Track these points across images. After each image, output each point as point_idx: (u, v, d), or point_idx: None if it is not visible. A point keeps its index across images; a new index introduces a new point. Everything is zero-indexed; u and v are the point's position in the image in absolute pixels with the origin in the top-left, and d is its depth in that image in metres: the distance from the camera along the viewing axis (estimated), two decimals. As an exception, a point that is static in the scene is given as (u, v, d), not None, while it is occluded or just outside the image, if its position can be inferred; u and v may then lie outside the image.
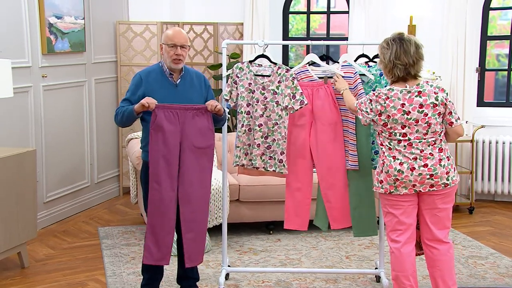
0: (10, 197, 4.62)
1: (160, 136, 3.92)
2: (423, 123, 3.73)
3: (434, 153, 3.76)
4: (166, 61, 4.06)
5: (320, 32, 7.81)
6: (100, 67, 6.74)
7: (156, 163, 3.93)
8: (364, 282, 4.64)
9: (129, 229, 5.80)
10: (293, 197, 4.43)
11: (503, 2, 7.11)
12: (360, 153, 4.32)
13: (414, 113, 3.73)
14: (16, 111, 5.51)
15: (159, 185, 3.94)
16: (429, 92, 3.75)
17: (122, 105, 4.05)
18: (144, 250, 4.03)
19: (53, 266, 4.95)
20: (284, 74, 4.27)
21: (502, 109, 7.01)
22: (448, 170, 3.78)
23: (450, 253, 3.94)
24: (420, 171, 3.74)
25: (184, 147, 3.96)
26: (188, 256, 4.08)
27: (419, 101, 3.73)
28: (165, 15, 7.18)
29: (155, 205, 3.97)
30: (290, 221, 4.48)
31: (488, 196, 6.91)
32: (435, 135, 3.77)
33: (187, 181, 3.99)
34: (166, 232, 3.99)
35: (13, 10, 5.48)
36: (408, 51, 3.75)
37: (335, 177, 4.34)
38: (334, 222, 4.42)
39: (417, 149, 3.76)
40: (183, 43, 4.01)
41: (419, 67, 3.82)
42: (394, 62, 3.76)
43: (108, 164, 6.95)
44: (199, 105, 3.99)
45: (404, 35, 3.82)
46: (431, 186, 3.77)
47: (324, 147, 4.31)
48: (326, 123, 4.30)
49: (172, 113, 3.92)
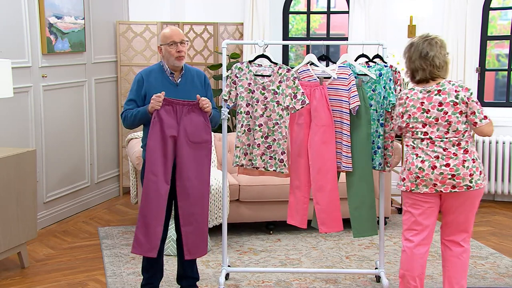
0: (10, 197, 4.62)
1: (159, 127, 3.94)
2: (443, 121, 3.73)
3: (459, 154, 3.73)
4: (167, 61, 4.07)
5: (320, 32, 7.81)
6: (100, 67, 6.74)
7: (153, 154, 3.95)
8: (364, 282, 4.64)
9: (129, 229, 5.80)
10: (294, 194, 4.44)
11: (503, 2, 7.10)
12: (360, 153, 4.32)
13: (433, 112, 3.75)
14: (16, 111, 5.51)
15: (155, 176, 3.95)
16: (449, 91, 3.75)
17: (128, 107, 4.07)
18: (133, 240, 4.02)
19: (53, 266, 4.95)
20: (285, 74, 4.27)
21: (502, 109, 7.02)
22: (472, 172, 3.71)
23: (463, 258, 3.89)
24: (441, 170, 3.72)
25: (181, 141, 3.98)
26: (187, 249, 4.09)
27: (439, 99, 3.75)
28: (165, 15, 7.18)
29: (149, 195, 3.97)
30: (292, 217, 4.49)
31: (488, 196, 6.90)
32: (458, 135, 3.74)
33: (185, 175, 4.01)
34: (157, 223, 3.99)
35: (13, 10, 5.48)
36: (427, 54, 3.78)
37: (324, 179, 4.33)
38: (322, 226, 4.37)
39: (440, 148, 3.75)
40: (182, 39, 4.05)
41: (441, 70, 3.82)
42: (413, 64, 3.82)
43: (108, 164, 6.95)
44: (194, 101, 4.01)
45: (428, 37, 3.85)
46: (453, 187, 3.72)
47: (316, 148, 4.31)
48: (319, 124, 4.30)
49: (172, 106, 3.96)
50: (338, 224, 4.38)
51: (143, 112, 3.99)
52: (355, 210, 4.39)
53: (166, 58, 4.07)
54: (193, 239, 4.09)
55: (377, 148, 4.33)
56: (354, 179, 4.36)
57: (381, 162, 4.34)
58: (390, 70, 4.27)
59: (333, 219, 4.36)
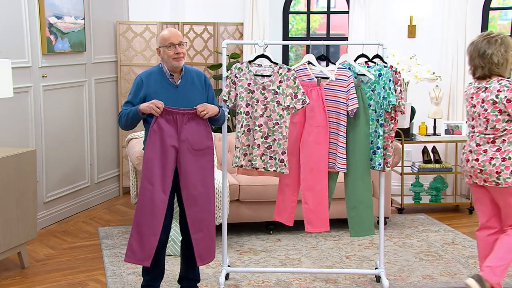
0: (10, 197, 4.62)
1: (158, 137, 3.92)
2: (483, 117, 3.92)
3: (489, 151, 3.91)
4: (166, 63, 4.06)
5: (320, 32, 7.82)
6: (100, 67, 6.74)
7: (151, 162, 3.93)
8: (364, 282, 4.64)
9: (129, 229, 5.79)
10: (282, 192, 4.45)
11: (503, 2, 7.11)
12: (358, 153, 4.32)
13: (478, 107, 3.95)
14: (16, 111, 5.51)
15: (151, 185, 3.93)
16: (493, 89, 3.89)
17: (124, 108, 4.05)
18: (127, 249, 3.99)
19: (53, 266, 4.95)
20: (285, 74, 4.27)
21: (502, 109, 7.01)
22: (500, 170, 3.88)
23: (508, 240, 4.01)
24: (472, 164, 3.97)
25: (183, 150, 3.96)
26: (198, 255, 4.08)
27: (483, 96, 3.92)
28: (165, 15, 7.18)
29: (144, 204, 3.94)
30: (279, 213, 4.51)
31: (488, 196, 6.91)
32: (496, 132, 3.90)
33: (191, 184, 3.99)
34: (153, 233, 3.95)
35: (13, 10, 5.48)
36: (484, 52, 3.93)
37: (315, 179, 4.33)
38: (308, 225, 4.38)
39: (475, 143, 3.98)
40: (180, 41, 4.03)
41: (501, 67, 3.93)
42: (473, 62, 3.99)
43: (108, 164, 6.95)
44: (193, 109, 3.98)
45: (488, 35, 4.00)
46: (484, 181, 3.95)
47: (309, 148, 4.31)
48: (314, 125, 4.30)
49: (172, 116, 3.94)
50: (324, 224, 4.39)
51: (134, 111, 3.96)
52: (352, 210, 4.40)
53: (164, 60, 4.06)
54: (204, 245, 4.08)
55: (377, 148, 4.33)
56: (352, 179, 4.36)
57: (381, 162, 4.34)
58: (389, 70, 4.27)
59: (320, 219, 4.37)
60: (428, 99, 6.58)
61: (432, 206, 6.54)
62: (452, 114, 6.74)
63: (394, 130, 4.37)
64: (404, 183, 6.44)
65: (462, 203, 6.55)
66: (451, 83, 6.68)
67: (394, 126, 4.35)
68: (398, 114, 4.35)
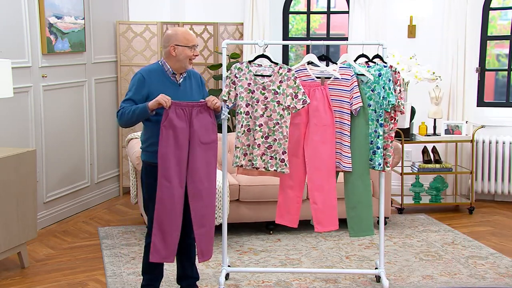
0: (10, 197, 4.62)
1: (171, 133, 3.92)
2: None
3: None
4: (177, 62, 4.03)
5: (320, 32, 7.81)
6: (100, 67, 6.74)
7: (166, 159, 3.93)
8: (364, 282, 4.64)
9: (129, 229, 5.80)
10: (285, 194, 4.43)
11: (503, 2, 7.10)
12: (358, 153, 4.32)
13: None
14: (16, 111, 5.51)
15: (169, 182, 3.93)
16: None
17: (125, 105, 3.99)
18: (151, 248, 3.99)
19: (53, 266, 4.95)
20: (286, 74, 4.27)
21: (502, 109, 7.02)
22: None
23: None
24: None
25: (193, 143, 3.97)
26: (200, 251, 4.08)
27: None
28: (165, 15, 7.18)
29: (164, 202, 3.94)
30: (281, 216, 4.49)
31: (488, 196, 6.91)
32: None
33: (197, 177, 4.00)
34: (174, 229, 3.97)
35: (13, 10, 5.48)
36: None
37: (323, 179, 4.33)
38: (318, 225, 4.37)
39: None
40: (197, 43, 4.10)
41: None
42: None
43: (108, 164, 6.95)
44: (202, 101, 4.02)
45: None
46: None
47: (316, 148, 4.31)
48: (320, 124, 4.30)
49: (182, 110, 3.94)
50: (334, 223, 4.39)
51: (143, 108, 3.90)
52: (351, 209, 4.40)
53: (176, 59, 4.02)
54: (205, 241, 4.09)
55: (377, 148, 4.33)
56: (351, 179, 4.36)
57: (381, 162, 4.34)
58: (389, 70, 4.27)
59: (329, 218, 4.37)
60: (428, 99, 6.58)
61: (432, 206, 6.54)
62: (452, 114, 6.74)
63: (394, 130, 4.37)
64: (404, 183, 6.44)
65: (462, 203, 6.55)
66: (451, 83, 6.68)
67: (394, 126, 4.35)
68: (398, 114, 4.35)
